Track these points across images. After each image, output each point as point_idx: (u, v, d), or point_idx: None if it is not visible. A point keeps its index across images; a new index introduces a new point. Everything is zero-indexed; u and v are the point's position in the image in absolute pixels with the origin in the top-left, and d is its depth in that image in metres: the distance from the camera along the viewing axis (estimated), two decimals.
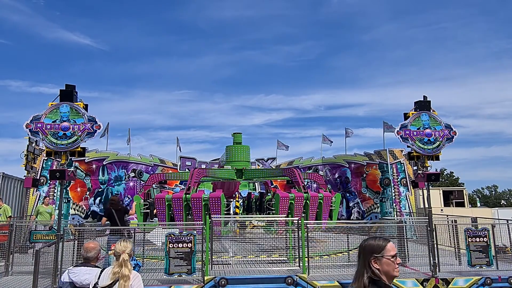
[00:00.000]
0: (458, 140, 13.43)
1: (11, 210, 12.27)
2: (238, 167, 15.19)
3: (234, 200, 15.51)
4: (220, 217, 10.54)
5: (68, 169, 7.68)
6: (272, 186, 19.89)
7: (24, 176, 13.56)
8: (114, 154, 19.07)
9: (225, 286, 7.68)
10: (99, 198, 18.23)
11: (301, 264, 8.36)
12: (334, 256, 10.41)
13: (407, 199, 17.69)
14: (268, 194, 14.60)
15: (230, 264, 9.48)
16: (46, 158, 14.00)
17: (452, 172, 51.01)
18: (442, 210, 17.73)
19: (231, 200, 14.40)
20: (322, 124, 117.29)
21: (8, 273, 8.88)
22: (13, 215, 13.14)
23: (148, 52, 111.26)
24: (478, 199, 54.80)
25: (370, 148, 39.58)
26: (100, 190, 18.35)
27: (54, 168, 8.95)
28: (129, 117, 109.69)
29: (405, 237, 9.83)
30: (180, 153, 21.31)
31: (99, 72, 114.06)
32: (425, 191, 9.28)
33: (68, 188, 16.70)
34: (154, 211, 12.11)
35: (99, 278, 3.62)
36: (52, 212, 12.26)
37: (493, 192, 71.62)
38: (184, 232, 8.05)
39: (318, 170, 20.94)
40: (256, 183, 20.69)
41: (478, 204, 41.97)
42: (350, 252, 10.22)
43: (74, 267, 4.11)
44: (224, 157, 16.64)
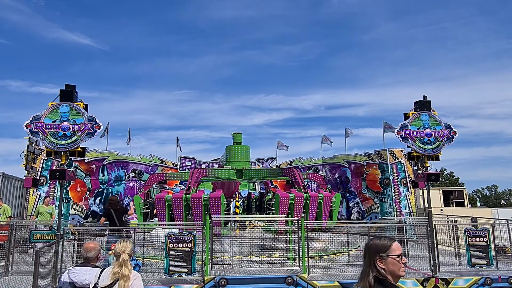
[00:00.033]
0: (458, 140, 13.43)
1: (11, 210, 12.27)
2: (238, 167, 15.19)
3: (234, 200, 15.51)
4: (220, 217, 10.54)
5: (68, 169, 7.69)
6: (272, 186, 19.89)
7: (24, 176, 13.57)
8: (114, 154, 19.07)
9: (225, 286, 7.68)
10: (99, 198, 18.24)
11: (301, 264, 8.36)
12: (334, 256, 10.41)
13: (407, 199, 17.69)
14: (268, 194, 14.59)
15: (230, 264, 9.48)
16: (46, 158, 14.01)
17: (452, 172, 51.08)
18: (442, 210, 17.72)
19: (231, 200, 14.40)
20: (322, 124, 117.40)
21: (8, 273, 8.88)
22: (13, 215, 13.14)
23: (148, 52, 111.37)
24: (478, 199, 54.79)
25: (370, 148, 39.60)
26: (100, 190, 18.35)
27: (54, 168, 8.96)
28: (129, 117, 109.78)
29: (405, 237, 9.85)
30: (181, 153, 21.37)
31: (99, 72, 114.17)
32: (425, 191, 9.28)
33: (68, 188, 16.72)
34: (154, 211, 12.11)
35: (99, 278, 3.62)
36: (53, 212, 12.27)
37: (493, 192, 71.64)
38: (184, 232, 8.05)
39: (318, 170, 20.94)
40: (256, 183, 20.68)
41: (478, 204, 41.95)
42: (350, 252, 10.23)
43: (74, 267, 4.11)
44: (224, 157, 16.64)
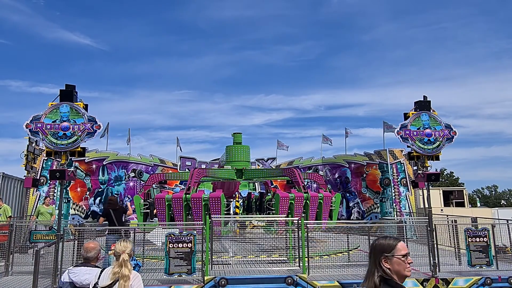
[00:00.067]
0: (458, 140, 13.42)
1: (11, 210, 12.27)
2: (238, 167, 15.19)
3: (234, 200, 15.51)
4: (220, 217, 10.54)
5: (68, 169, 7.69)
6: (272, 186, 19.88)
7: (24, 176, 13.57)
8: (114, 154, 19.07)
9: (225, 286, 7.68)
10: (99, 198, 18.24)
11: (301, 264, 8.36)
12: (334, 256, 10.41)
13: (407, 199, 17.69)
14: (268, 194, 14.59)
15: (230, 264, 9.49)
16: (46, 158, 14.01)
17: (452, 172, 51.04)
18: (442, 210, 17.73)
19: (231, 200, 14.40)
20: (322, 124, 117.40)
21: (8, 273, 8.88)
22: (13, 215, 13.15)
23: (148, 52, 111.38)
24: (478, 199, 54.77)
25: (370, 148, 39.57)
26: (100, 190, 18.35)
27: (54, 168, 8.96)
28: (129, 117, 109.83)
29: (405, 237, 9.87)
30: (181, 153, 21.37)
31: (99, 72, 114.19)
32: (425, 191, 9.28)
33: (68, 188, 16.72)
34: (154, 211, 12.11)
35: (99, 278, 3.62)
36: (53, 212, 12.26)
37: (493, 192, 71.64)
38: (184, 232, 8.05)
39: (318, 170, 20.94)
40: (256, 183, 20.68)
41: (478, 204, 41.94)
42: (350, 252, 10.23)
43: (74, 267, 4.11)
44: (224, 157, 16.64)
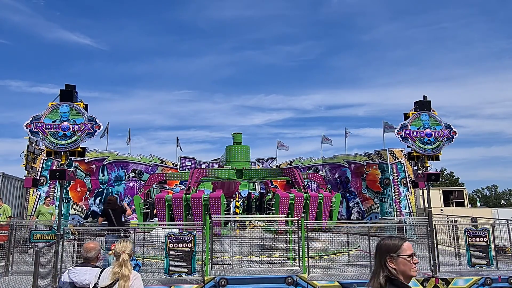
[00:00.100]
0: (458, 140, 13.42)
1: (11, 210, 12.26)
2: (238, 167, 15.19)
3: (234, 200, 15.52)
4: (220, 217, 10.54)
5: (68, 169, 7.69)
6: (272, 186, 19.88)
7: (24, 176, 13.58)
8: (114, 154, 19.07)
9: (225, 286, 7.68)
10: (99, 198, 18.24)
11: (301, 264, 8.36)
12: (334, 256, 10.41)
13: (407, 199, 17.69)
14: (268, 194, 14.59)
15: (230, 264, 9.49)
16: (46, 158, 14.01)
17: (452, 172, 51.03)
18: (442, 210, 17.74)
19: (231, 200, 14.41)
20: (322, 124, 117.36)
21: (8, 273, 8.88)
22: (13, 215, 13.14)
23: (148, 52, 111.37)
24: (478, 199, 54.79)
25: (370, 148, 39.55)
26: (100, 190, 18.35)
27: (54, 168, 8.96)
28: (129, 117, 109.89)
29: (405, 237, 9.83)
30: (181, 153, 21.37)
31: (99, 72, 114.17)
32: (425, 191, 9.28)
33: (68, 188, 16.72)
34: (154, 211, 12.11)
35: (99, 278, 3.62)
36: (53, 212, 12.25)
37: (493, 192, 71.64)
38: (184, 232, 8.05)
39: (318, 170, 20.94)
40: (256, 183, 20.68)
41: (478, 204, 41.96)
42: (350, 252, 10.23)
43: (74, 267, 4.11)
44: (224, 157, 16.64)
